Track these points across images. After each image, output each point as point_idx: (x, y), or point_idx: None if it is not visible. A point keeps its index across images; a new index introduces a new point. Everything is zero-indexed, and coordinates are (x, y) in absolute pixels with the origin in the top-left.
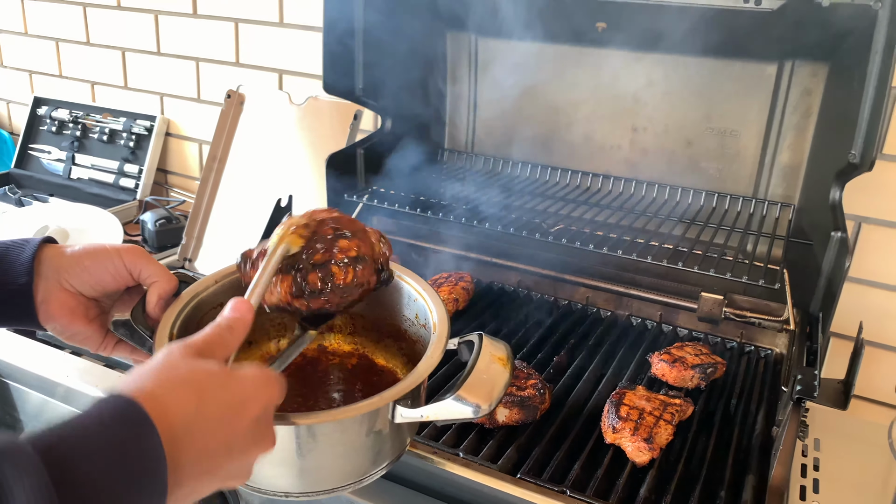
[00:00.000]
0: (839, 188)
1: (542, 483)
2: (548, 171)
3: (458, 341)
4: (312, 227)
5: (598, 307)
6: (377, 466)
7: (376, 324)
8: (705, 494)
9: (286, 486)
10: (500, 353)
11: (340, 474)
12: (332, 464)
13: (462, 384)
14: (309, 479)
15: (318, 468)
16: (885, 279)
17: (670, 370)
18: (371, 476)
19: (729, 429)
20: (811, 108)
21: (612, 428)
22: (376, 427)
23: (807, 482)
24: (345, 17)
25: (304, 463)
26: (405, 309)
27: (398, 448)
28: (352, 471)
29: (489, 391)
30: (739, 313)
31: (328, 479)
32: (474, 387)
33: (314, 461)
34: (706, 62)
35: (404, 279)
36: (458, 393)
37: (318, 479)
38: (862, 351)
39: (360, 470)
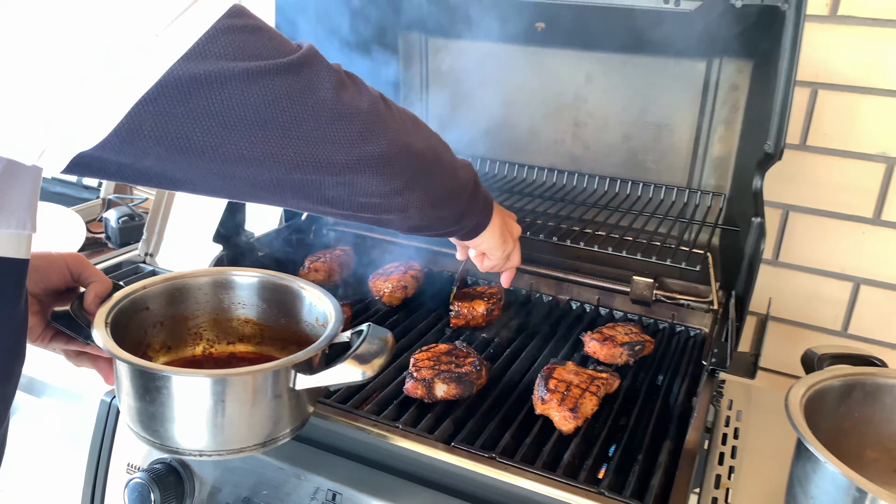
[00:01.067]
0: (760, 177)
1: (473, 450)
2: (496, 165)
3: (350, 332)
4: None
5: (542, 292)
6: (281, 430)
7: (282, 333)
8: (625, 458)
9: (199, 445)
10: (384, 336)
11: (248, 434)
12: (239, 423)
13: (351, 355)
14: (219, 439)
15: (227, 426)
16: (811, 263)
17: (601, 348)
18: (277, 440)
19: (652, 400)
20: (738, 103)
21: (541, 399)
22: (278, 390)
23: (726, 449)
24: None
25: (215, 421)
26: (307, 316)
27: (301, 414)
28: (259, 432)
29: (373, 361)
30: (669, 295)
31: (236, 439)
32: (362, 357)
33: (223, 420)
34: (641, 60)
35: (306, 289)
36: (347, 362)
37: (228, 439)
38: (766, 325)
39: (266, 431)
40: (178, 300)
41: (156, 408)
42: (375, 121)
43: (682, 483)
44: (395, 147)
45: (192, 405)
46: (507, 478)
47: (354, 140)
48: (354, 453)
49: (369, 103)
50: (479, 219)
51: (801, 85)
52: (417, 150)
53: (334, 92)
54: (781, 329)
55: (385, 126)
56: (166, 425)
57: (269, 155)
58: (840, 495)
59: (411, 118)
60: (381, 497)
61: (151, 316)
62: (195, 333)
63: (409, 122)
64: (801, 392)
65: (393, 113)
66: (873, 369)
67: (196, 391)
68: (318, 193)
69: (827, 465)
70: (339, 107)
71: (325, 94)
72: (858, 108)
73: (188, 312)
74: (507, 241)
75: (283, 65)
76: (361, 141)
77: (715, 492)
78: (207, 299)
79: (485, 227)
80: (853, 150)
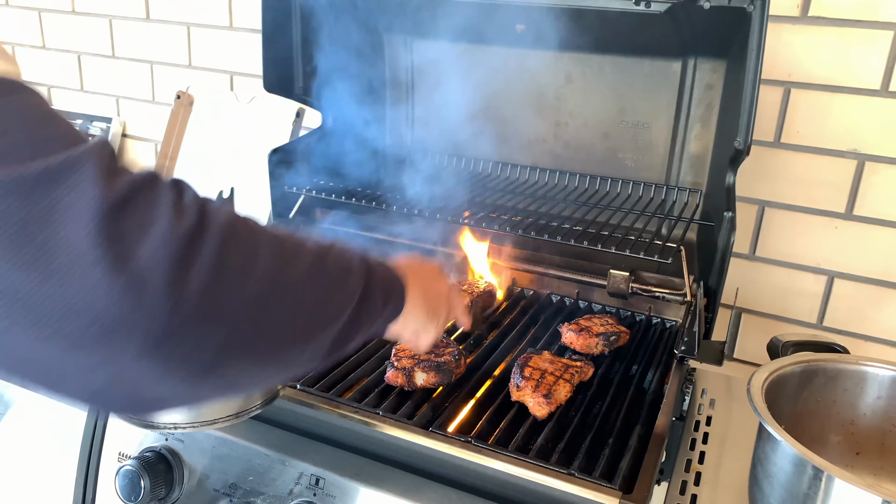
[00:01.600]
0: (733, 173)
1: (450, 435)
2: (480, 164)
3: None
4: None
5: (522, 287)
6: (251, 404)
7: None
8: (596, 442)
9: (174, 418)
10: None
11: (219, 408)
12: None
13: None
14: (192, 413)
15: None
16: (786, 257)
17: (577, 338)
18: (249, 411)
19: (626, 388)
20: (713, 102)
21: (516, 386)
22: None
23: (698, 435)
24: (283, 18)
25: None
26: None
27: (269, 390)
28: (231, 404)
29: None
30: (645, 288)
31: (208, 412)
32: None
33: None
34: (619, 60)
35: None
36: None
37: (200, 412)
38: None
39: (238, 403)
40: None
41: None
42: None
43: (649, 465)
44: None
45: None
46: (481, 460)
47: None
48: (337, 440)
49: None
50: (379, 319)
51: (774, 84)
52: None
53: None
54: (758, 322)
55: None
56: None
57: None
58: (796, 473)
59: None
60: (363, 481)
61: None
62: None
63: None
64: (762, 377)
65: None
66: (833, 355)
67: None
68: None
69: (783, 444)
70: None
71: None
72: (830, 107)
73: None
74: (439, 310)
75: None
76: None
77: (685, 475)
78: None
79: (397, 316)
80: (825, 146)
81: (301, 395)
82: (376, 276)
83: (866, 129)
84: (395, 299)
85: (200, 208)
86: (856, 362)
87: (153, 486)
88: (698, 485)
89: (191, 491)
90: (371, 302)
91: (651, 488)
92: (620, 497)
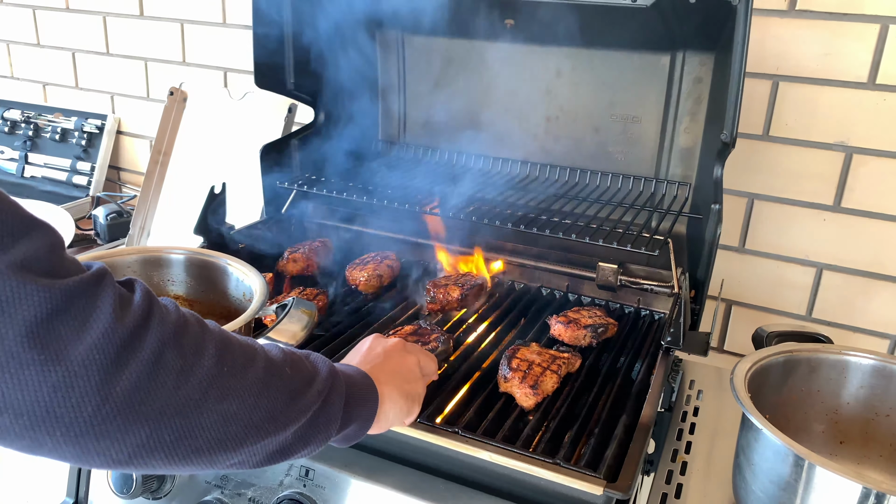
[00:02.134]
0: (720, 166)
1: (438, 426)
2: (472, 158)
3: (275, 306)
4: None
5: (514, 279)
6: None
7: (210, 308)
8: (582, 432)
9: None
10: (308, 309)
11: None
12: None
13: (274, 328)
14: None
15: None
16: (776, 250)
17: (565, 330)
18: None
19: (613, 379)
20: (702, 95)
21: (503, 377)
22: None
23: (685, 426)
24: (274, 14)
25: None
26: (234, 291)
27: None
28: None
29: (294, 332)
30: (633, 280)
31: None
32: (283, 330)
33: None
34: (608, 54)
35: (232, 265)
36: (269, 334)
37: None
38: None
39: None
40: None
41: None
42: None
43: (634, 454)
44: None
45: None
46: (468, 450)
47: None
48: None
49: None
50: (358, 421)
51: (763, 77)
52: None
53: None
54: (748, 314)
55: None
56: None
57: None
58: (778, 461)
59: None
60: (351, 472)
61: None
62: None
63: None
64: (746, 367)
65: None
66: (816, 345)
67: None
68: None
69: (765, 433)
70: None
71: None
72: (818, 99)
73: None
74: (413, 403)
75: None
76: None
77: (672, 465)
78: (137, 277)
79: (372, 418)
80: (814, 139)
81: None
82: (335, 396)
83: (854, 122)
84: (363, 414)
85: (145, 311)
86: (838, 352)
87: (145, 479)
88: (684, 474)
89: (183, 483)
90: (325, 418)
91: (636, 477)
92: (605, 485)
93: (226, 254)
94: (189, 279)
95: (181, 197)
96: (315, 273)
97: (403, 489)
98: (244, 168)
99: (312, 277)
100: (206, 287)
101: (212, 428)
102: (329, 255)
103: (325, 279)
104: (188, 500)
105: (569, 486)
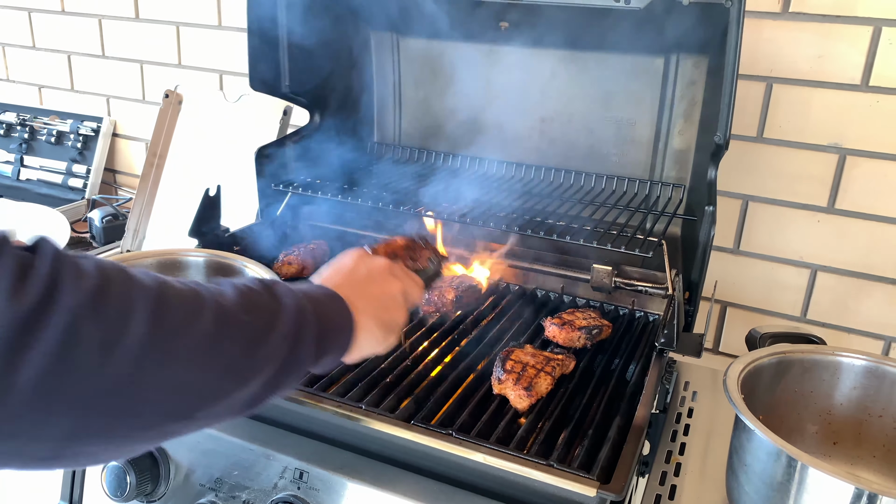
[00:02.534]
0: (714, 168)
1: (432, 427)
2: (467, 160)
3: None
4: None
5: (508, 282)
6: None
7: None
8: (576, 434)
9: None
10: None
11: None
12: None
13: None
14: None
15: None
16: (770, 251)
17: (560, 332)
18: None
19: (607, 381)
20: (696, 97)
21: (497, 379)
22: None
23: (679, 427)
24: (268, 17)
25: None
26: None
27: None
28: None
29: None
30: (627, 282)
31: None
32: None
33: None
34: (602, 56)
35: (248, 267)
36: None
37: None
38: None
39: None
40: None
41: None
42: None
43: (627, 456)
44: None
45: None
46: (462, 452)
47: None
48: (321, 434)
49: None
50: (331, 355)
51: (757, 79)
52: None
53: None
54: (744, 315)
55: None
56: None
57: None
58: (770, 462)
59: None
60: (346, 474)
61: None
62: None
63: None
64: (739, 368)
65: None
66: (809, 346)
67: None
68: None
69: (758, 434)
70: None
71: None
72: (811, 101)
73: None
74: (390, 333)
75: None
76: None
77: (665, 466)
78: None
79: (347, 349)
80: (807, 141)
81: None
82: (306, 335)
83: (847, 124)
84: (337, 346)
85: (51, 279)
86: (831, 353)
87: (139, 482)
88: (678, 475)
89: (177, 486)
90: (295, 363)
91: (629, 478)
92: (598, 487)
93: (241, 256)
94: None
95: (176, 199)
96: (310, 275)
97: (398, 491)
98: (239, 170)
99: (307, 279)
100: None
101: (157, 401)
102: (324, 257)
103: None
104: (182, 503)
105: (562, 488)
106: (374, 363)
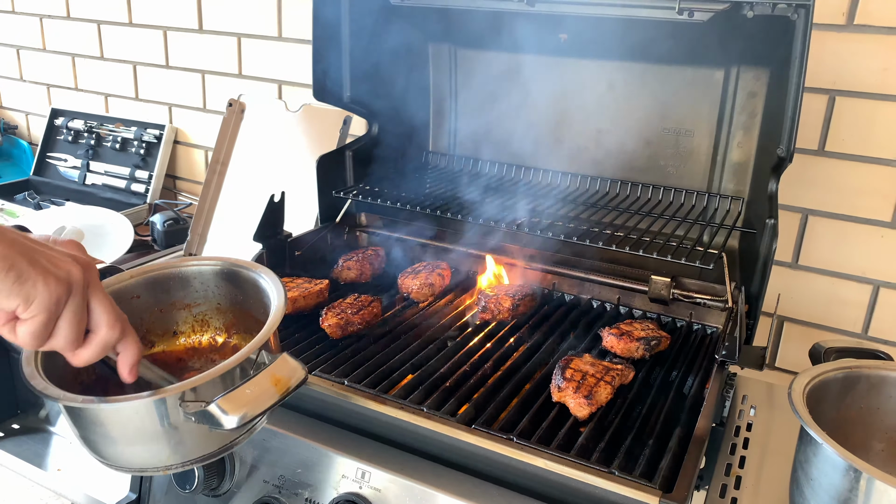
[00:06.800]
0: (775, 181)
1: (493, 432)
2: (522, 171)
3: (263, 352)
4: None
5: (564, 291)
6: (182, 458)
7: (244, 319)
8: (636, 443)
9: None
10: (282, 375)
11: (144, 456)
12: (133, 444)
13: (226, 394)
14: (118, 459)
15: (121, 445)
16: (830, 266)
17: (618, 342)
18: (178, 467)
19: (666, 392)
20: (756, 109)
21: (557, 387)
22: (164, 418)
23: (738, 440)
24: (333, 30)
25: (108, 438)
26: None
27: (204, 447)
28: (150, 457)
29: (244, 408)
30: (686, 294)
31: (189, 451)
32: (234, 399)
33: (117, 437)
34: (661, 68)
35: (263, 277)
36: (219, 401)
37: (175, 454)
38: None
39: (162, 456)
40: (172, 288)
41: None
42: None
43: (689, 466)
44: None
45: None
46: (524, 458)
47: None
48: (383, 435)
49: None
50: None
51: (819, 92)
52: None
53: None
54: (802, 331)
55: None
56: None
57: None
58: (837, 475)
59: None
60: (407, 475)
61: (143, 304)
62: (202, 321)
63: None
64: (804, 382)
65: None
66: (877, 362)
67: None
68: None
69: (824, 446)
70: None
71: None
72: (875, 115)
73: (189, 300)
74: (27, 275)
75: None
76: None
77: (725, 479)
78: (211, 288)
79: None
80: (870, 155)
81: (348, 391)
82: None
83: None
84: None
85: None
86: None
87: (207, 476)
88: (738, 489)
89: (241, 481)
90: None
91: (691, 488)
92: (661, 496)
93: (257, 263)
94: (225, 289)
95: (237, 205)
96: (368, 280)
97: (457, 494)
98: (299, 178)
99: (366, 285)
100: (241, 299)
101: None
102: (381, 263)
103: (378, 287)
104: (246, 498)
105: (624, 496)
106: (434, 367)
